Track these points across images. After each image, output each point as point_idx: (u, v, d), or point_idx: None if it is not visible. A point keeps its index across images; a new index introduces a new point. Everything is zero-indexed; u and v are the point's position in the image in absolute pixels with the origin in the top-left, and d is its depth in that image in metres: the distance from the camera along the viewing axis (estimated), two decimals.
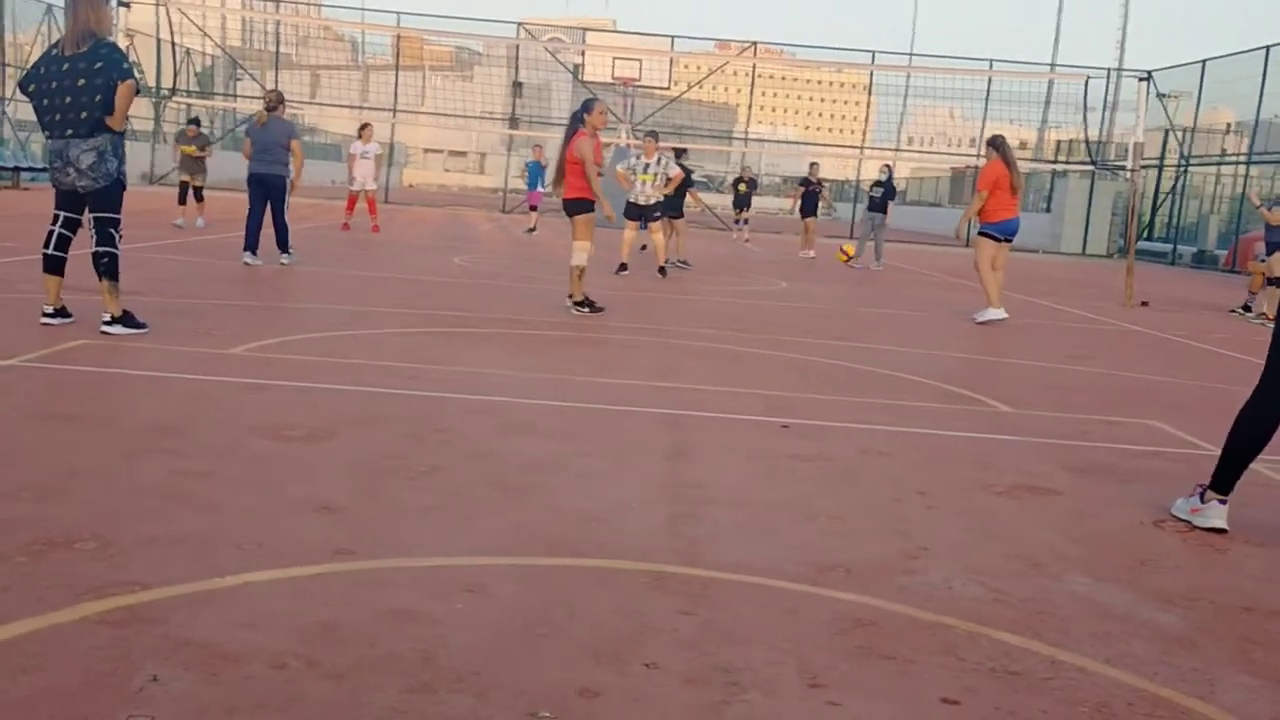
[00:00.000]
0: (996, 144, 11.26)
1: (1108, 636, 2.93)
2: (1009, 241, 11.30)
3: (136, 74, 6.29)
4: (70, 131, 6.20)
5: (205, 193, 17.06)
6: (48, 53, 6.40)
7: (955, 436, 5.48)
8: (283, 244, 11.53)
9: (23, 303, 7.49)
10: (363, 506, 3.58)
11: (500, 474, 4.09)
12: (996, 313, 11.01)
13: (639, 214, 13.54)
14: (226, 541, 3.14)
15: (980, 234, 11.26)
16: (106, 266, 6.37)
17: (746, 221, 25.43)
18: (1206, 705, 2.56)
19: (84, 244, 6.53)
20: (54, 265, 6.49)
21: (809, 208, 21.29)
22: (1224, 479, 4.08)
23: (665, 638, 2.70)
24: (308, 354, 6.30)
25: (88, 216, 6.45)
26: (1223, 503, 4.06)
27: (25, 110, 32.46)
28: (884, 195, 18.71)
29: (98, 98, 6.14)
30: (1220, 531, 4.00)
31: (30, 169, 27.24)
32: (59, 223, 6.48)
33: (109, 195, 6.35)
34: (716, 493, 4.07)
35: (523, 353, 7.03)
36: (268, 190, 11.50)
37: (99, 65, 6.12)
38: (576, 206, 9.16)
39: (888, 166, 19.46)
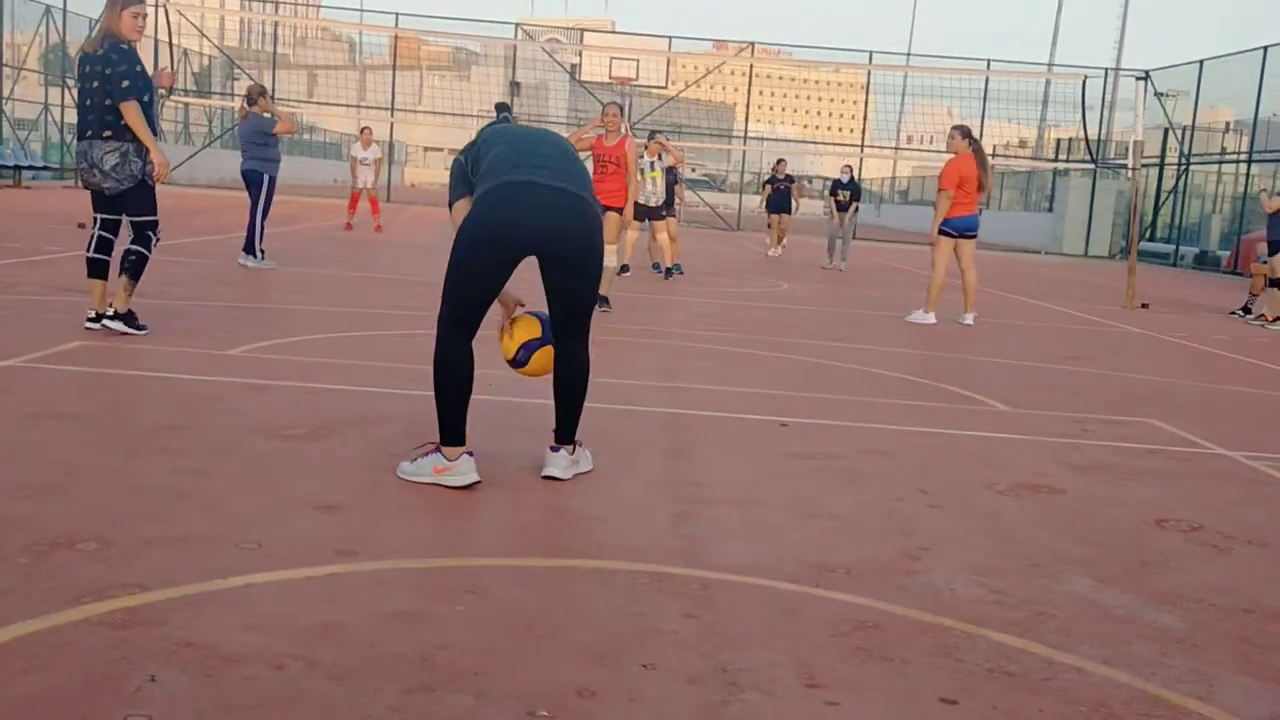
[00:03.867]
0: (969, 136, 10.75)
1: (1107, 637, 2.93)
2: (971, 238, 10.91)
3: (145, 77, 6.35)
4: (89, 133, 6.30)
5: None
6: (81, 50, 6.52)
7: (956, 435, 5.48)
8: (247, 244, 11.47)
9: (23, 303, 7.49)
10: (363, 506, 3.59)
11: (501, 474, 4.09)
12: (926, 317, 10.71)
13: (644, 214, 13.46)
14: (227, 541, 3.14)
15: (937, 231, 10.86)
16: (132, 264, 6.44)
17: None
18: (1205, 705, 2.56)
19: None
20: (97, 269, 6.53)
21: (777, 205, 21.23)
22: (453, 433, 3.88)
23: (664, 638, 2.70)
24: (308, 354, 6.31)
25: (126, 220, 6.51)
26: (470, 454, 3.87)
27: (24, 110, 32.52)
28: (852, 196, 18.84)
29: (106, 102, 6.22)
30: (474, 484, 3.83)
31: (31, 168, 27.26)
32: (98, 225, 6.56)
33: (140, 198, 6.41)
34: (717, 492, 4.07)
35: None
36: (248, 186, 11.69)
37: (108, 71, 6.18)
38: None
39: (849, 168, 19.75)
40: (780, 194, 21.27)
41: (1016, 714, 2.44)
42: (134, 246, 6.43)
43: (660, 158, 13.75)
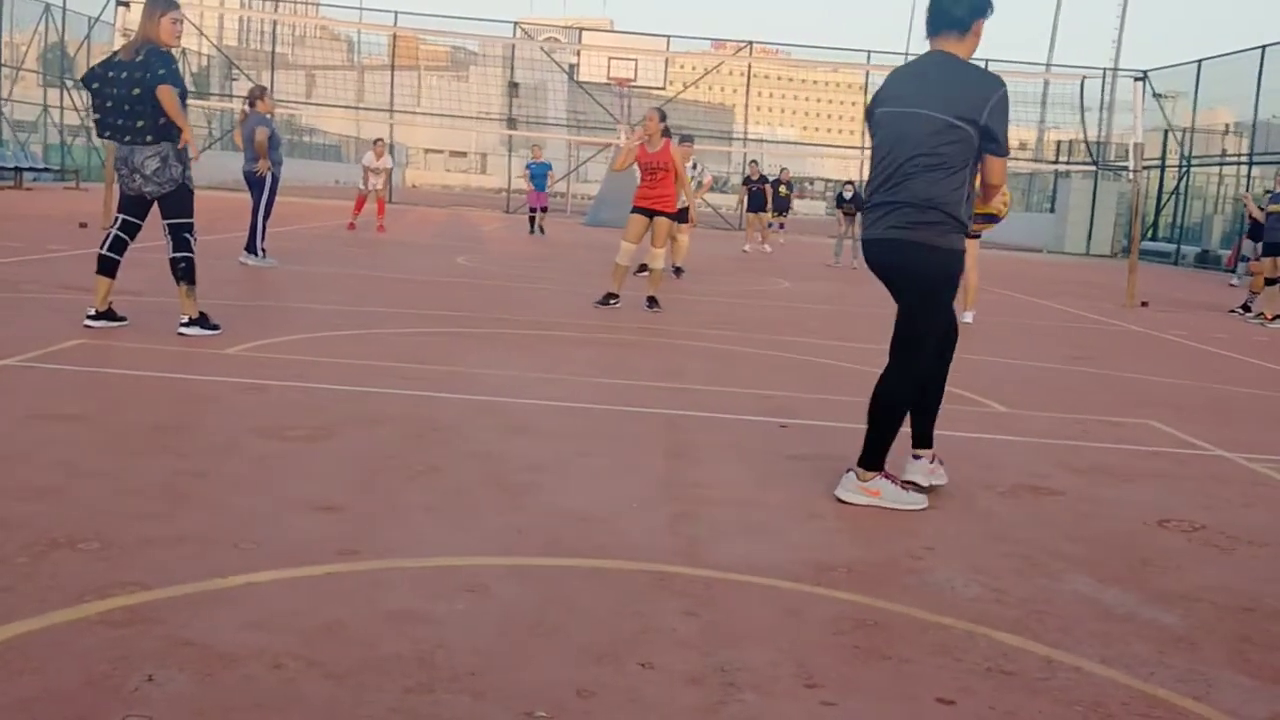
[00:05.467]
0: None
1: (1106, 636, 2.93)
2: (975, 238, 10.93)
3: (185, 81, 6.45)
4: (129, 139, 6.35)
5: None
6: (111, 56, 6.56)
7: (955, 437, 5.47)
8: (249, 243, 11.55)
9: (23, 301, 7.49)
10: (363, 506, 3.59)
11: (501, 474, 4.09)
12: None
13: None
14: (226, 541, 3.14)
15: None
16: (184, 271, 6.53)
17: (783, 225, 24.93)
18: (1202, 706, 2.56)
19: (138, 249, 6.57)
20: (106, 266, 6.56)
21: (754, 204, 22.64)
22: (875, 457, 4.06)
23: (664, 638, 2.70)
24: (308, 354, 6.31)
25: (162, 223, 6.57)
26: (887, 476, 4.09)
27: (24, 111, 32.52)
28: (855, 207, 19.90)
29: (150, 106, 6.28)
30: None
31: (31, 169, 27.26)
32: (117, 225, 6.61)
33: (178, 200, 6.49)
34: (716, 493, 4.07)
35: (523, 353, 7.03)
36: (250, 187, 11.75)
37: (148, 75, 6.25)
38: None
39: (851, 184, 21.14)
40: (755, 194, 22.62)
41: (1015, 714, 2.44)
42: (177, 254, 6.51)
43: (695, 166, 13.85)
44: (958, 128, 3.81)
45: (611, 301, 9.75)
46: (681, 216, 13.94)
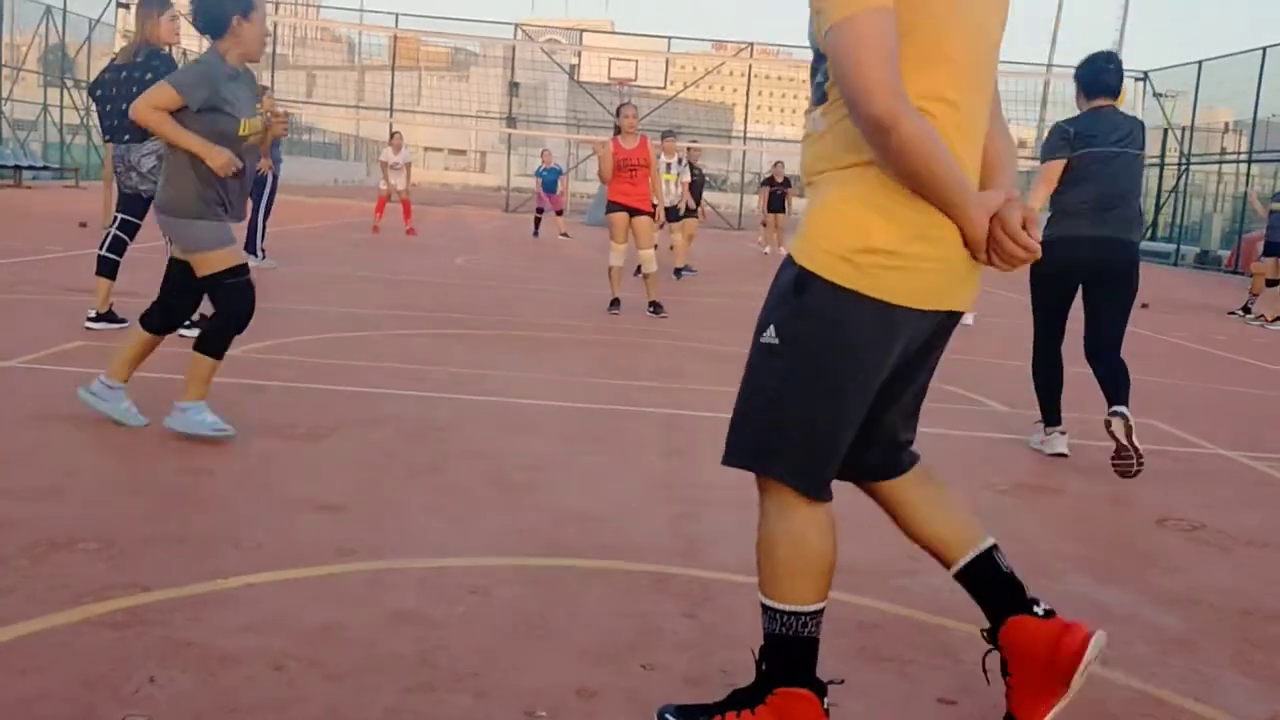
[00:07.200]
0: None
1: (1108, 637, 2.92)
2: None
3: None
4: (127, 137, 6.37)
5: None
6: (112, 61, 6.61)
7: (955, 436, 5.48)
8: (248, 243, 11.54)
9: (23, 302, 7.49)
10: (364, 507, 3.59)
11: (501, 474, 4.09)
12: None
13: (663, 214, 13.52)
14: (227, 542, 3.14)
15: None
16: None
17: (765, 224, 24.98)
18: (1204, 706, 2.56)
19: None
20: (106, 267, 6.56)
21: (773, 205, 22.37)
22: (1048, 414, 5.19)
23: (665, 638, 2.70)
24: (308, 354, 6.30)
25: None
26: (1062, 433, 5.14)
27: (24, 110, 32.52)
28: None
29: None
30: (1062, 455, 5.05)
31: (31, 168, 27.25)
32: (116, 224, 6.62)
33: None
34: (717, 493, 4.07)
35: (523, 353, 7.03)
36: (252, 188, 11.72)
37: (149, 75, 6.27)
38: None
39: None
40: (777, 196, 22.38)
41: None
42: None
43: (680, 161, 13.74)
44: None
45: (614, 307, 9.70)
46: (674, 214, 13.89)
